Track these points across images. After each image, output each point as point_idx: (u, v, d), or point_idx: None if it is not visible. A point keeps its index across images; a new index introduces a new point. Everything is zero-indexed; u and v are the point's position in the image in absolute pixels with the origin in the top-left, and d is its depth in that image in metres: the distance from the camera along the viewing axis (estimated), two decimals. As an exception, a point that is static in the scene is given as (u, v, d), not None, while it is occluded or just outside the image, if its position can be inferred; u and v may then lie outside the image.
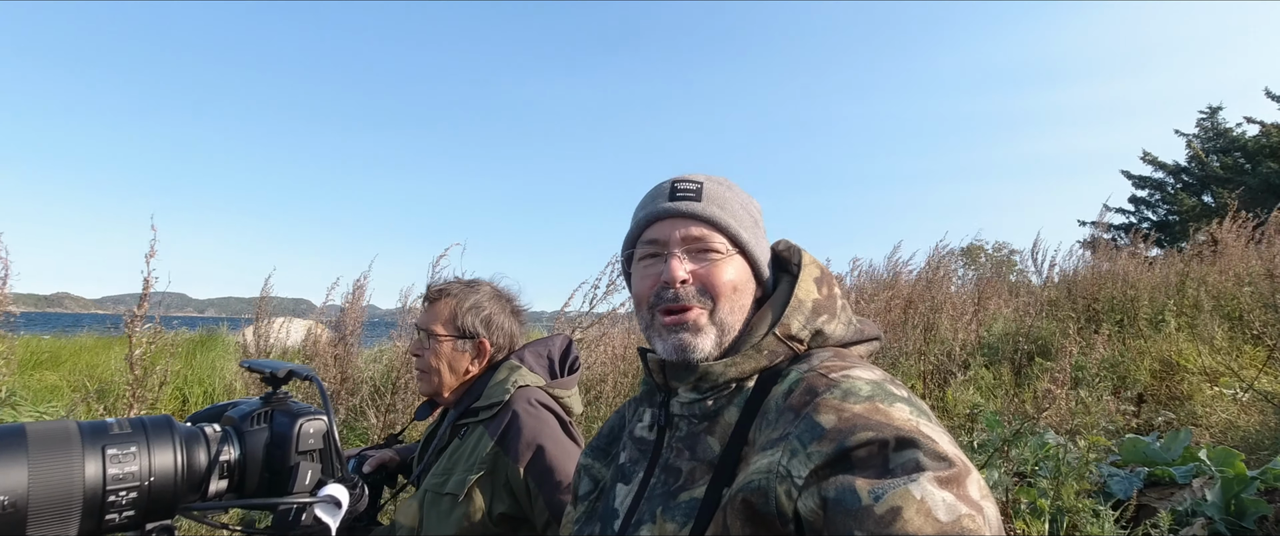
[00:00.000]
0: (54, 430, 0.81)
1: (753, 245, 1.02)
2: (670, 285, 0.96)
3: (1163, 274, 6.17)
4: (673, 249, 0.98)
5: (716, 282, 0.97)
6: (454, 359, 1.71)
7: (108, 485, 0.81)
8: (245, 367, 1.07)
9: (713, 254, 0.98)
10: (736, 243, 1.00)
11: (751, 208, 1.06)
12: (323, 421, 0.97)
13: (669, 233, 0.99)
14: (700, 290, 0.97)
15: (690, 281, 0.97)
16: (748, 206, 1.05)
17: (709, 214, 0.99)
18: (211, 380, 5.88)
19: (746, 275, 1.01)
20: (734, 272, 0.98)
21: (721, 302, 0.97)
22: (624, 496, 0.99)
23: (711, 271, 0.97)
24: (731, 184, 1.07)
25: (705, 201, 1.00)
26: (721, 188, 1.04)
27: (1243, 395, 4.09)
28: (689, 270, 0.97)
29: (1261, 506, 2.45)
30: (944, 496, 0.68)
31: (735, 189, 1.06)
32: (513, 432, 1.56)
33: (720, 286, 0.97)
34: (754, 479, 0.80)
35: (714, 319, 0.96)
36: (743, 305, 0.99)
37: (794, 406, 0.83)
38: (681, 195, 1.01)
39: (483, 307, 1.74)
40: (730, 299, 0.97)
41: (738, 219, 1.01)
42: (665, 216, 1.01)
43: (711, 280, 0.97)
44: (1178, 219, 15.08)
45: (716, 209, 1.00)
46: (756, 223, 1.05)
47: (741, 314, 0.98)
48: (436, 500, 1.55)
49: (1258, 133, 16.17)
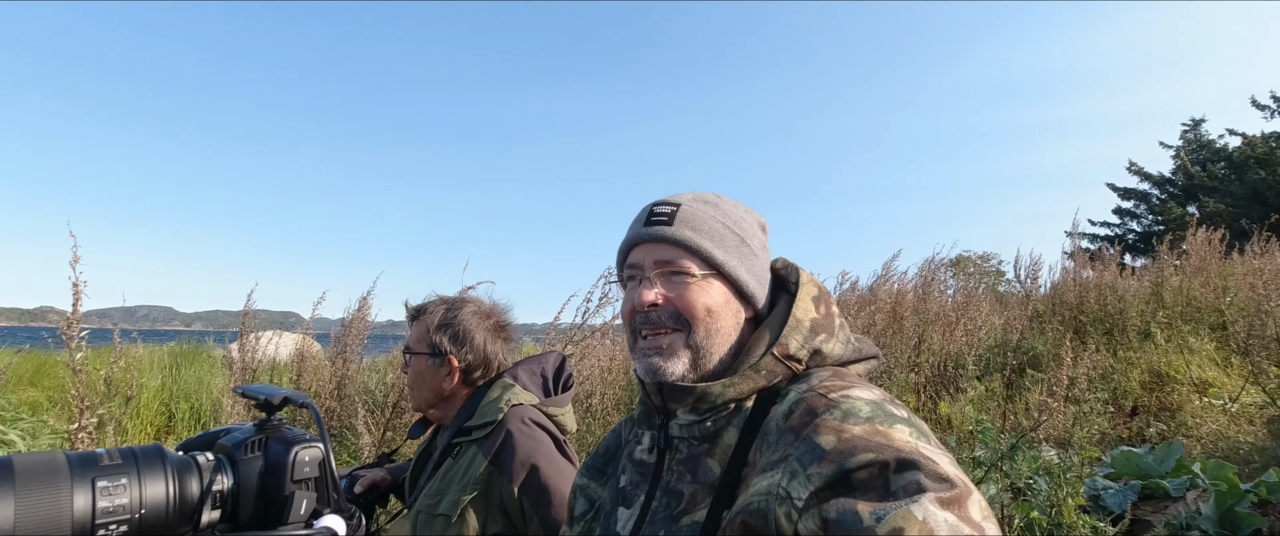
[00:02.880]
0: (42, 462, 0.79)
1: (733, 266, 1.00)
2: (640, 309, 0.97)
3: (1139, 284, 6.22)
4: (647, 273, 0.99)
5: (687, 306, 0.96)
6: (427, 376, 1.70)
7: (97, 519, 0.79)
8: (239, 393, 1.05)
9: (686, 278, 0.98)
10: (711, 264, 0.99)
11: (742, 226, 1.04)
12: (318, 449, 0.96)
13: (643, 257, 1.00)
14: (672, 314, 0.97)
15: (661, 304, 0.97)
16: (735, 225, 1.03)
17: (679, 237, 0.98)
18: (199, 395, 5.79)
19: (725, 297, 0.99)
20: (708, 295, 0.98)
21: (696, 326, 0.96)
22: (626, 520, 0.98)
23: (683, 295, 0.97)
24: (721, 201, 1.05)
25: (677, 225, 0.99)
26: (704, 207, 1.03)
27: (1232, 406, 4.12)
28: (661, 294, 0.97)
29: (1255, 520, 2.46)
30: (946, 517, 0.67)
31: (723, 206, 1.05)
32: (507, 452, 1.54)
33: (692, 309, 0.96)
34: (753, 500, 0.79)
35: (689, 342, 0.96)
36: (722, 328, 0.98)
37: (794, 427, 0.82)
38: (656, 220, 1.01)
39: (452, 325, 1.72)
40: (704, 322, 0.96)
41: (716, 239, 1.00)
42: (641, 241, 1.02)
43: (683, 304, 0.97)
44: (1163, 229, 15.26)
45: (689, 232, 0.99)
46: (743, 241, 1.03)
47: (722, 336, 0.98)
48: (429, 520, 1.53)
49: (1241, 143, 16.43)
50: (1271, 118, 16.27)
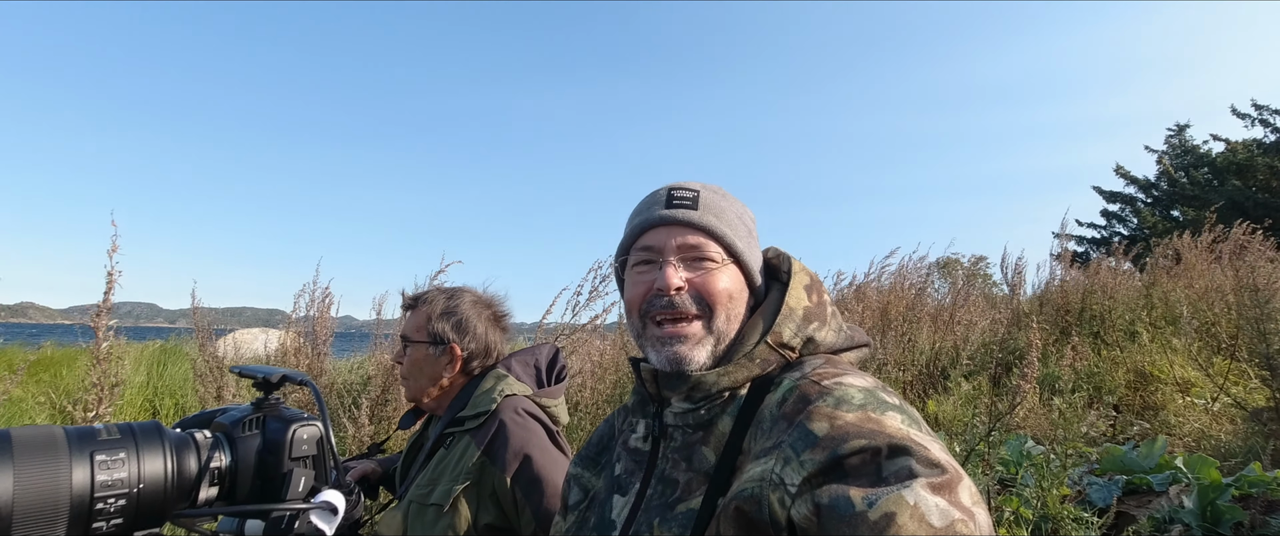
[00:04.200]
0: (40, 435, 0.79)
1: (747, 254, 1.02)
2: (665, 293, 0.96)
3: (1128, 286, 6.30)
4: (668, 257, 0.98)
5: (712, 291, 0.96)
6: (426, 364, 1.70)
7: (96, 492, 0.79)
8: (235, 373, 1.05)
9: (708, 263, 0.98)
10: (731, 252, 0.99)
11: (746, 217, 1.07)
12: (317, 427, 0.96)
13: (665, 240, 0.99)
14: (696, 298, 0.96)
15: (686, 289, 0.96)
16: (742, 216, 1.06)
17: (706, 222, 0.99)
18: (184, 391, 5.74)
19: (740, 284, 1.01)
20: (729, 281, 0.98)
21: (718, 311, 0.96)
22: (621, 508, 0.98)
23: (707, 280, 0.97)
24: (726, 193, 1.07)
25: (702, 210, 1.00)
26: (717, 196, 1.04)
27: (1213, 404, 4.18)
28: (685, 278, 0.96)
29: (1237, 512, 2.50)
30: (937, 502, 0.68)
31: (730, 198, 1.07)
32: (499, 442, 1.55)
33: (716, 295, 0.96)
34: (747, 487, 0.80)
35: (711, 328, 0.96)
36: (737, 314, 0.98)
37: (787, 414, 0.83)
38: (678, 202, 1.01)
39: (455, 314, 1.72)
40: (726, 307, 0.97)
41: (733, 228, 1.01)
42: (661, 223, 1.00)
43: (707, 289, 0.96)
44: (1147, 233, 15.44)
45: (712, 217, 1.00)
46: (750, 232, 1.06)
47: (736, 322, 0.98)
48: (421, 511, 1.53)
49: (1224, 149, 16.64)
50: (1252, 126, 16.51)
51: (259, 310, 37.29)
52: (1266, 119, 16.31)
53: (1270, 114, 16.28)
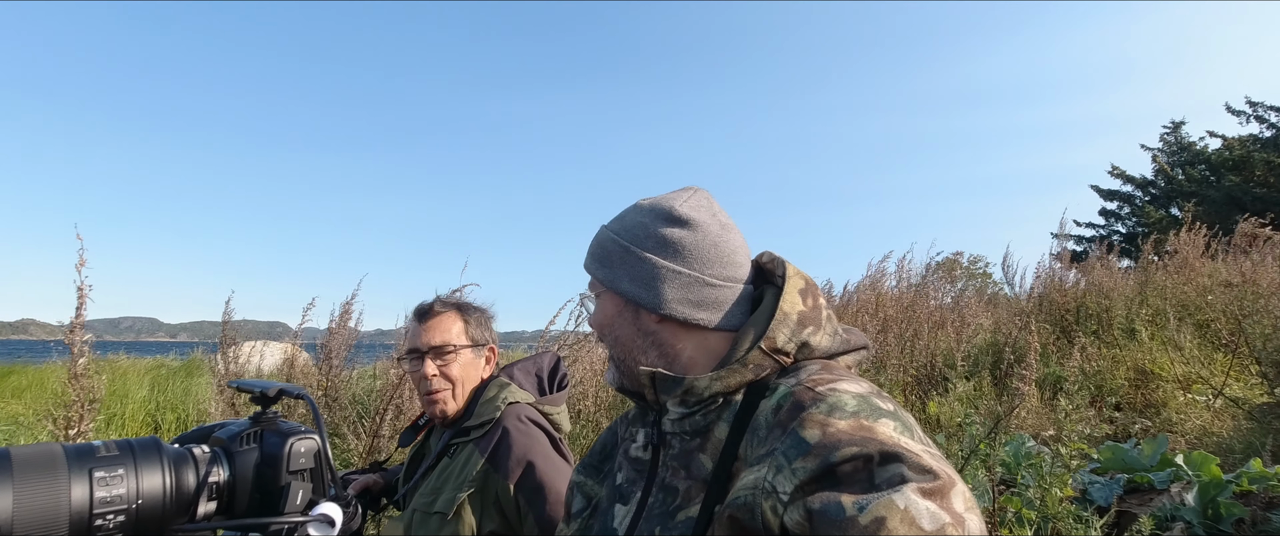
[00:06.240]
0: (39, 453, 0.79)
1: (613, 280, 1.03)
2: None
3: (1125, 283, 6.30)
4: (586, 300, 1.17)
5: (592, 323, 1.10)
6: (472, 369, 1.72)
7: (94, 509, 0.79)
8: (233, 387, 1.06)
9: (592, 304, 1.11)
10: (601, 282, 1.06)
11: (643, 232, 1.03)
12: (314, 440, 0.96)
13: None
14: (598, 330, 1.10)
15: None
16: (626, 232, 1.04)
17: (588, 267, 1.10)
18: (185, 405, 5.74)
19: (615, 308, 1.04)
20: (601, 313, 1.07)
21: (605, 339, 1.07)
22: (623, 517, 0.99)
23: (594, 314, 1.10)
24: (641, 207, 1.06)
25: (587, 257, 1.10)
26: (614, 224, 1.07)
27: (1214, 401, 4.18)
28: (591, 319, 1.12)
29: (1238, 509, 2.50)
30: (928, 506, 0.68)
31: (630, 215, 1.06)
32: (503, 449, 1.55)
33: (593, 327, 1.10)
34: (740, 494, 0.80)
35: (613, 355, 1.08)
36: (623, 336, 1.04)
37: (781, 421, 0.83)
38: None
39: (482, 315, 1.78)
40: (608, 335, 1.06)
41: (602, 258, 1.06)
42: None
43: (593, 324, 1.10)
44: (1145, 231, 15.45)
45: (589, 259, 1.09)
46: (627, 251, 1.03)
47: (627, 343, 1.04)
48: (425, 519, 1.53)
49: (1219, 146, 16.67)
50: (1247, 122, 16.55)
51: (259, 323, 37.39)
52: (1262, 115, 16.37)
53: (1265, 110, 16.34)
